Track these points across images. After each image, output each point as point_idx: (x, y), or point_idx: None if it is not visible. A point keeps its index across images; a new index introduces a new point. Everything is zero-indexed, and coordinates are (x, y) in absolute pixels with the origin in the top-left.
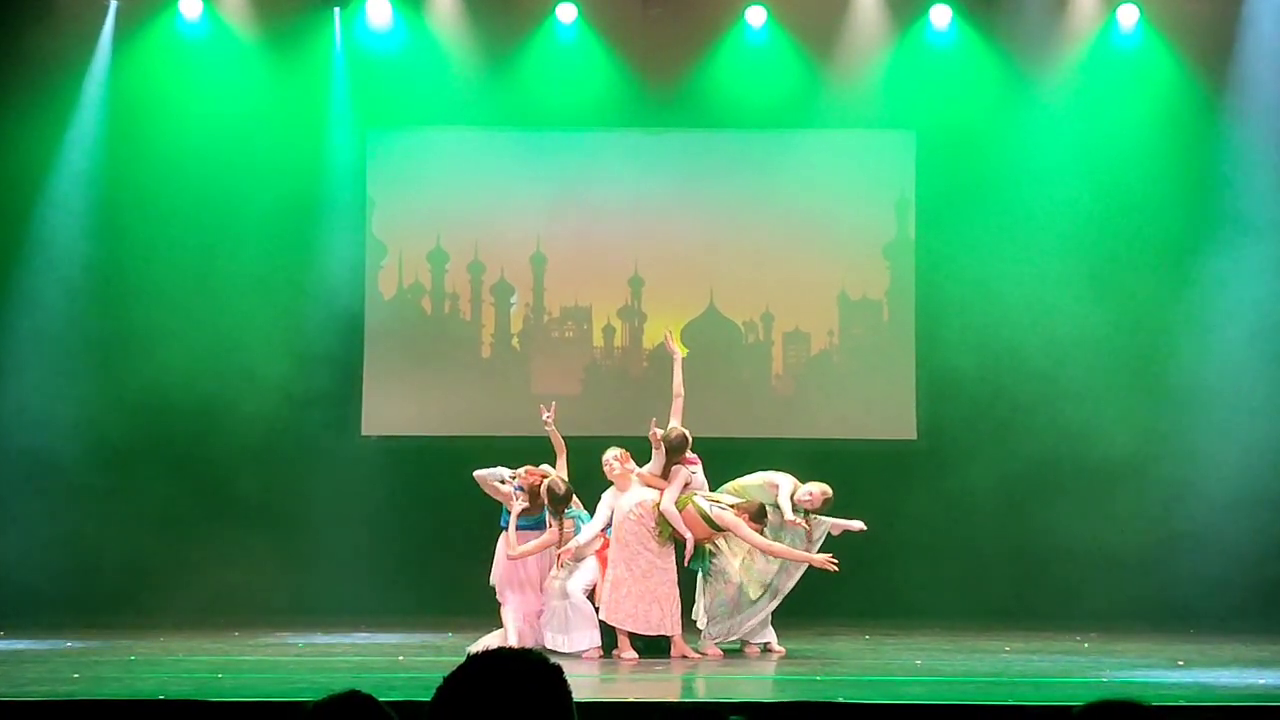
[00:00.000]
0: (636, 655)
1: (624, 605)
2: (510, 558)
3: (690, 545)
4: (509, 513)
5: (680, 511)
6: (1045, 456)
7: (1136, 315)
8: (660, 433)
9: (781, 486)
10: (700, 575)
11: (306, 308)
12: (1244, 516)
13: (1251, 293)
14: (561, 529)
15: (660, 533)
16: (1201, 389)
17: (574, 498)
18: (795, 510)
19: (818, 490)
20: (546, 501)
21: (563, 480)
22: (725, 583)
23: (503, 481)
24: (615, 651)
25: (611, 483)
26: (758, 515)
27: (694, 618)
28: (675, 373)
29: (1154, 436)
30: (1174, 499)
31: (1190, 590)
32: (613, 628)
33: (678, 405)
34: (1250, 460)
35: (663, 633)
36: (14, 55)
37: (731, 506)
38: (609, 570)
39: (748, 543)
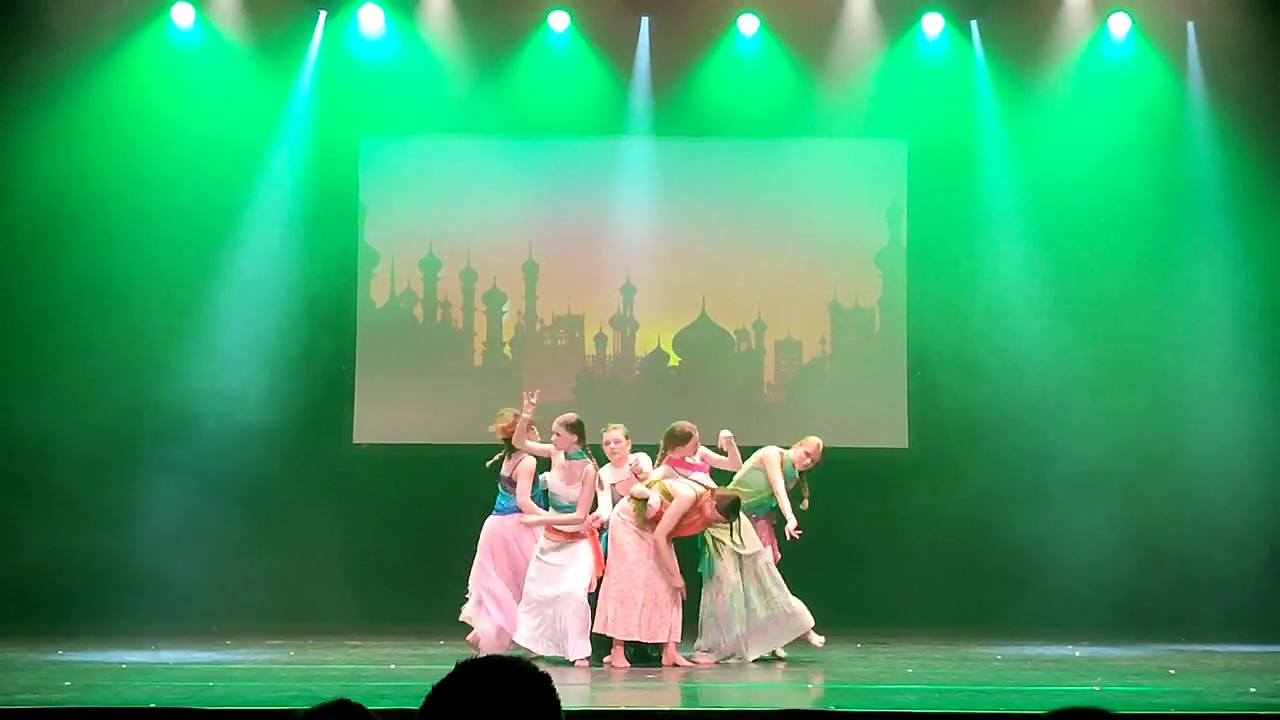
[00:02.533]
0: (628, 664)
1: (632, 617)
2: (526, 525)
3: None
4: (508, 496)
5: (660, 499)
6: (1037, 464)
7: (1128, 323)
8: (729, 435)
9: (769, 459)
10: (703, 579)
11: (298, 315)
12: (1236, 522)
13: (1242, 304)
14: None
15: (638, 519)
16: (1192, 397)
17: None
18: (799, 476)
19: (811, 446)
20: (576, 436)
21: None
22: (717, 592)
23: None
24: (606, 660)
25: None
26: (729, 509)
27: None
28: (731, 455)
29: (1145, 444)
30: (1166, 506)
31: (1183, 598)
32: (604, 635)
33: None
34: (1241, 467)
35: (658, 640)
36: (9, 68)
37: (708, 490)
38: (612, 587)
39: (654, 525)
